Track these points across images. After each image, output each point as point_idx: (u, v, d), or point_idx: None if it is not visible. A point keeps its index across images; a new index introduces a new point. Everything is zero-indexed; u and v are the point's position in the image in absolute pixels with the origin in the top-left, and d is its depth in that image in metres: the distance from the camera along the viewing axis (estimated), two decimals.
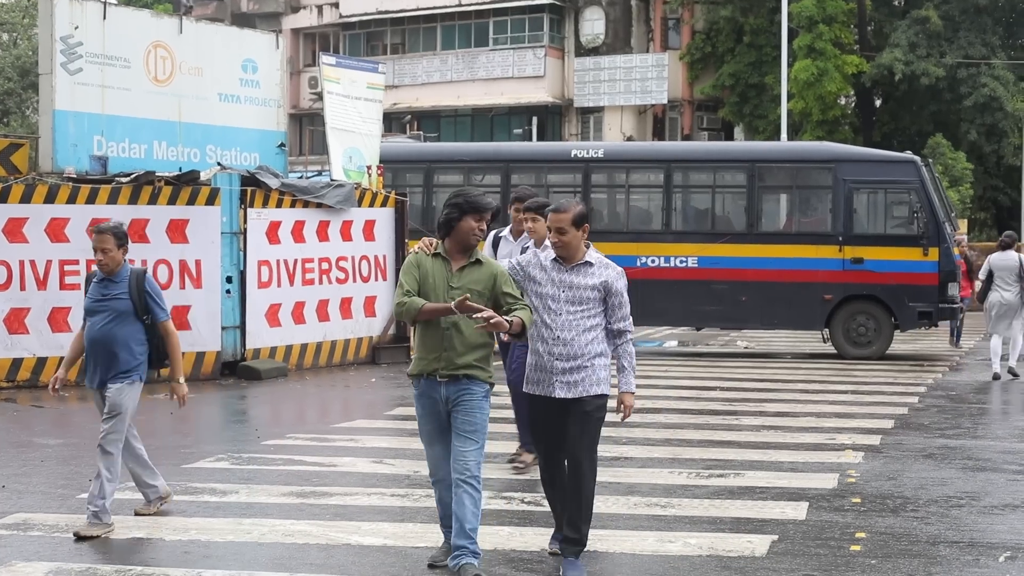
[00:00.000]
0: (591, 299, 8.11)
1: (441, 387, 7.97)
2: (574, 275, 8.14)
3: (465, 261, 8.04)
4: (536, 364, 8.24)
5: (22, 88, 54.16)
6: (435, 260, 8.03)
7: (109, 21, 20.07)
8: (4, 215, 17.79)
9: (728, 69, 48.83)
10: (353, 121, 22.94)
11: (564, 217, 8.09)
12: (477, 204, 8.02)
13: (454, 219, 8.00)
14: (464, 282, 7.95)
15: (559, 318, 8.11)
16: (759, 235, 24.73)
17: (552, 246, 8.22)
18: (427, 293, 7.93)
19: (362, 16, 56.05)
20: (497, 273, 8.07)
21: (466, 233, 7.99)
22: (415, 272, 8.00)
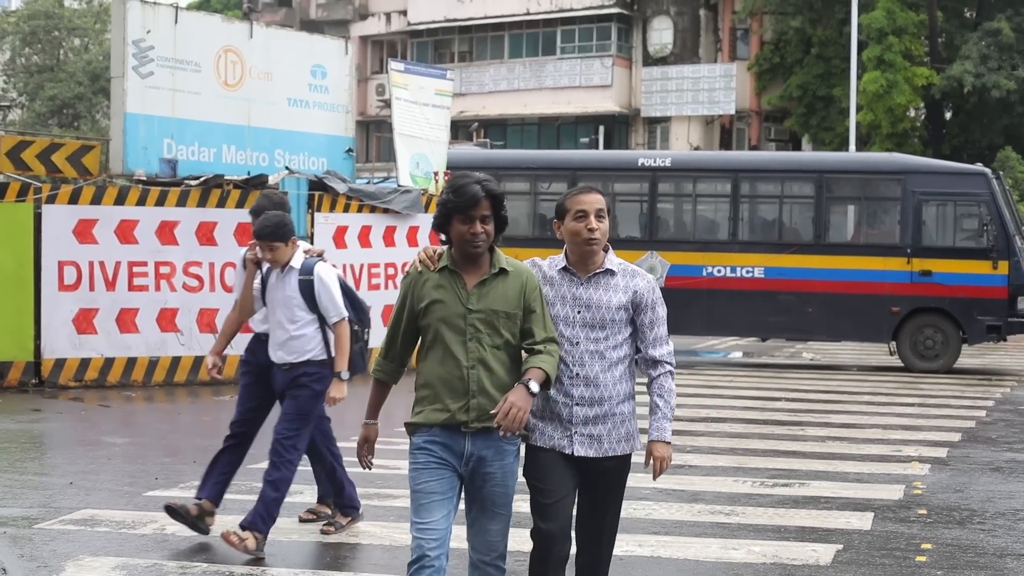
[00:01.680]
0: (617, 320, 6.16)
1: (466, 441, 5.98)
2: (593, 289, 6.16)
3: (484, 273, 5.98)
4: (547, 410, 6.18)
5: (92, 92, 54.74)
6: (442, 277, 5.96)
7: (180, 25, 20.24)
8: (74, 216, 17.96)
9: (796, 80, 48.56)
10: (420, 127, 22.98)
11: (601, 198, 6.20)
12: (460, 198, 5.87)
13: (441, 225, 5.97)
14: (487, 303, 5.93)
15: (576, 348, 6.12)
16: (826, 246, 24.58)
17: (584, 243, 6.12)
18: (438, 326, 5.95)
19: (430, 24, 56.21)
20: (527, 286, 6.04)
21: (459, 243, 5.91)
22: (411, 299, 6.03)
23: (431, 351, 6.01)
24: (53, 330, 17.85)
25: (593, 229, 6.10)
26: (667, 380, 6.27)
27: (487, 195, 5.89)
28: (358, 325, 9.38)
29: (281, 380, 9.20)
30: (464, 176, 6.01)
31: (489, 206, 5.89)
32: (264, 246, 8.95)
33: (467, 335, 5.91)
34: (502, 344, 5.97)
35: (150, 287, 18.42)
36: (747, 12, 50.50)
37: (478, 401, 5.93)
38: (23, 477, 11.76)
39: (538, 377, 5.89)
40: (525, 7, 53.80)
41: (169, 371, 18.56)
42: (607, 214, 6.19)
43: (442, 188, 6.48)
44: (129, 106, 19.53)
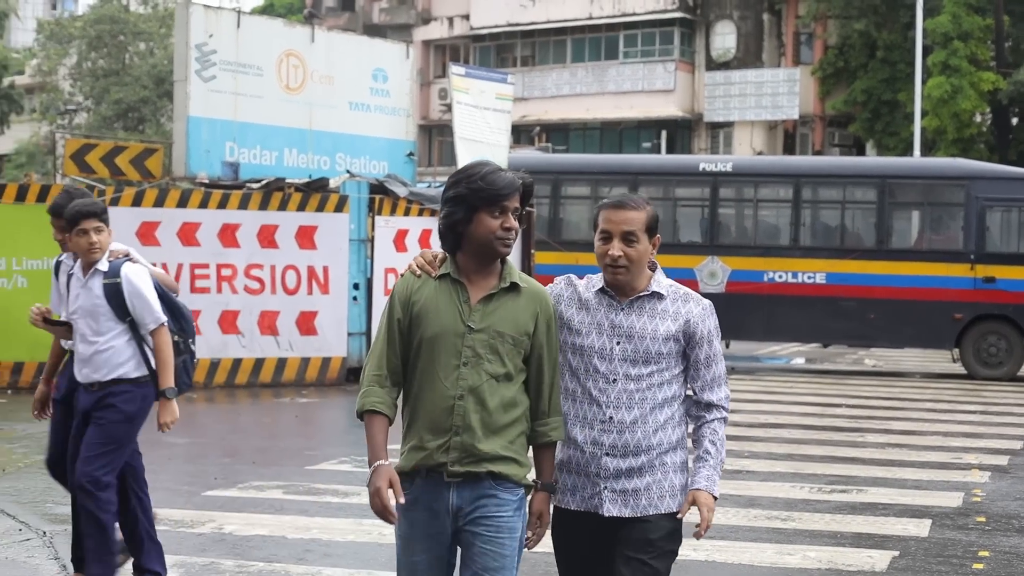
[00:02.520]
0: (664, 354, 5.14)
1: (450, 492, 4.94)
2: (635, 316, 5.15)
3: (492, 286, 5.01)
4: (571, 460, 5.19)
5: (157, 96, 55.20)
6: (441, 286, 5.00)
7: (243, 30, 20.39)
8: (137, 218, 18.12)
9: (860, 85, 48.25)
10: (481, 131, 23.04)
11: (636, 217, 5.12)
12: (494, 187, 4.93)
13: (459, 221, 4.96)
14: (491, 323, 4.95)
15: (612, 388, 5.09)
16: (889, 252, 24.42)
17: (606, 268, 5.17)
18: (428, 344, 4.96)
19: (493, 28, 56.28)
20: (541, 312, 5.08)
21: (485, 242, 4.92)
22: (401, 314, 5.03)
23: (415, 375, 5.00)
24: None
25: (616, 256, 5.09)
26: (720, 427, 5.23)
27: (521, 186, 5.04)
28: (179, 336, 7.95)
29: (85, 402, 7.70)
30: (483, 165, 5.04)
31: (518, 199, 5.01)
32: (89, 228, 7.65)
33: (462, 358, 4.90)
34: (503, 375, 4.94)
35: (212, 289, 18.55)
36: (811, 16, 50.23)
37: (461, 440, 4.87)
38: None
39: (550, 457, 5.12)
40: (588, 12, 53.77)
41: (230, 373, 18.67)
42: (647, 231, 5.13)
43: (452, 179, 5.07)
44: (192, 110, 19.70)
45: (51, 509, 10.20)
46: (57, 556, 8.68)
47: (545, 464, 5.10)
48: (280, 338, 18.94)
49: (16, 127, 63.39)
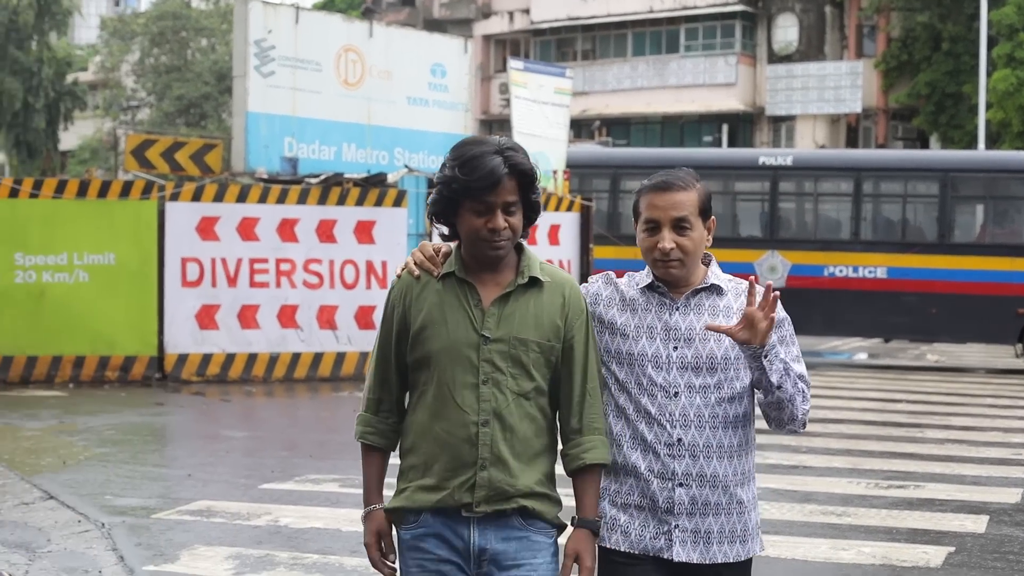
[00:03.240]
0: (732, 360, 4.30)
1: (472, 530, 4.15)
2: (694, 315, 4.35)
3: (508, 283, 4.18)
4: (631, 492, 4.33)
5: (219, 92, 55.54)
6: (446, 288, 4.18)
7: (301, 25, 20.50)
8: (197, 213, 18.24)
9: (924, 77, 47.83)
10: (540, 125, 23.04)
11: (686, 199, 4.30)
12: (468, 178, 4.03)
13: (442, 211, 4.16)
14: (511, 329, 4.13)
15: (674, 403, 4.26)
16: (951, 246, 24.21)
17: (656, 264, 4.33)
18: (437, 361, 4.15)
19: (553, 22, 56.21)
20: (570, 306, 4.24)
21: (471, 242, 4.13)
22: (400, 325, 4.24)
23: (423, 398, 4.19)
24: (176, 326, 18.14)
25: (668, 250, 4.26)
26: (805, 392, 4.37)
27: (512, 172, 4.05)
28: None
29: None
30: (476, 143, 4.12)
31: (516, 188, 4.06)
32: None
33: (480, 375, 4.09)
34: (531, 391, 4.15)
35: (271, 284, 18.64)
36: (874, 8, 49.84)
37: (489, 475, 4.09)
38: (143, 468, 12.01)
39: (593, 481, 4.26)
40: (648, 5, 53.60)
41: (289, 367, 18.76)
42: (700, 214, 4.31)
43: (447, 159, 4.16)
44: (251, 105, 19.84)
45: (110, 501, 10.29)
46: (115, 547, 8.76)
47: (586, 495, 4.22)
48: (339, 332, 19.01)
49: (80, 123, 63.98)
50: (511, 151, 4.07)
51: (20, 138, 59.57)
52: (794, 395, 4.28)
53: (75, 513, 9.77)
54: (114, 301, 17.84)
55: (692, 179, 4.37)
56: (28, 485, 10.81)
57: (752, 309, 4.16)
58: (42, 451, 12.63)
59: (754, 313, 4.15)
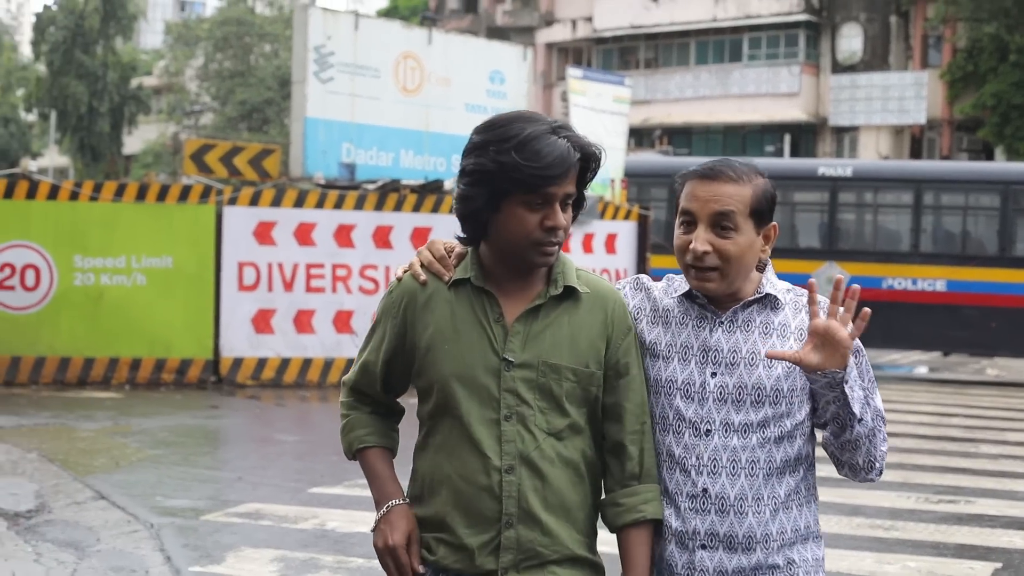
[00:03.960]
0: (784, 391, 3.53)
1: None
2: (741, 332, 3.58)
3: (536, 295, 3.50)
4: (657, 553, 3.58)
5: (281, 97, 55.91)
6: (459, 298, 3.50)
7: (360, 32, 20.62)
8: (254, 218, 18.36)
9: (990, 88, 47.46)
10: (598, 134, 23.01)
11: (734, 193, 3.53)
12: (535, 163, 3.33)
13: (480, 209, 3.42)
14: (539, 350, 3.44)
15: (705, 443, 3.52)
16: (1012, 259, 24.01)
17: (688, 271, 3.60)
18: (446, 391, 3.45)
19: (616, 31, 56.20)
20: (614, 323, 3.55)
21: (517, 245, 3.41)
22: (396, 341, 3.55)
23: (432, 436, 3.51)
24: (232, 329, 18.26)
25: (701, 253, 3.51)
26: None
27: (581, 156, 3.40)
28: None
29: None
30: (525, 119, 3.41)
31: (575, 177, 3.41)
32: None
33: (502, 409, 3.40)
34: (565, 429, 3.45)
35: (327, 289, 18.73)
36: (939, 18, 49.50)
37: (517, 535, 3.41)
38: (195, 470, 12.09)
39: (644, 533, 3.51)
40: (712, 14, 53.50)
41: (344, 372, 18.78)
42: (752, 216, 3.54)
43: (476, 137, 3.49)
44: (310, 111, 19.97)
45: (160, 502, 10.39)
46: (163, 548, 8.86)
47: (640, 556, 3.48)
48: None
49: (144, 127, 64.55)
50: (567, 130, 3.40)
51: (85, 142, 60.24)
52: (875, 430, 3.50)
53: (125, 513, 9.87)
54: (171, 304, 17.97)
55: (749, 171, 3.59)
56: (81, 485, 10.94)
57: (822, 321, 3.39)
58: (96, 452, 12.75)
59: (828, 325, 3.37)
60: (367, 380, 3.63)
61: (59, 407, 15.66)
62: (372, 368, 3.60)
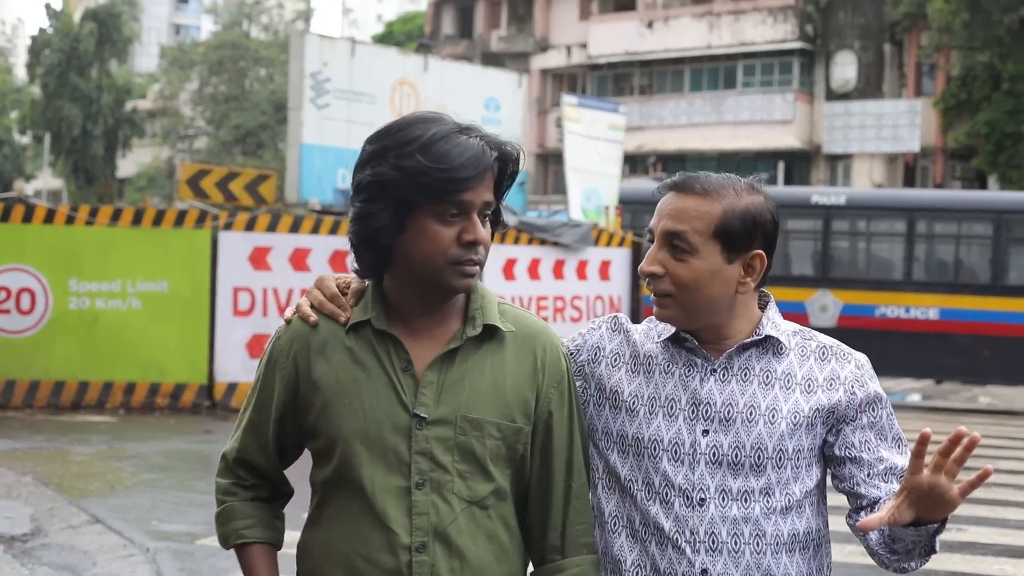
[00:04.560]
0: (789, 452, 3.08)
1: None
2: (738, 382, 3.11)
3: (451, 335, 3.00)
4: None
5: (276, 122, 56.04)
6: (358, 343, 2.98)
7: (356, 58, 20.74)
8: (250, 243, 18.41)
9: (984, 117, 47.63)
10: (593, 161, 23.16)
11: (698, 209, 3.05)
12: (444, 165, 2.84)
13: (382, 228, 2.88)
14: (454, 406, 2.94)
15: (699, 515, 3.03)
16: (1004, 288, 24.11)
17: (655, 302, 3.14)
18: (345, 453, 2.95)
19: (610, 57, 56.36)
20: (545, 367, 3.05)
21: (429, 267, 2.90)
22: (284, 396, 3.02)
23: (329, 505, 3.01)
24: (226, 354, 18.29)
25: (646, 273, 3.09)
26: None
27: (499, 158, 2.93)
28: None
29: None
30: (426, 120, 2.90)
31: (492, 184, 2.94)
32: None
33: (412, 475, 2.89)
34: (489, 496, 2.96)
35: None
36: (933, 47, 49.69)
37: None
38: (190, 495, 12.13)
39: None
40: (706, 41, 53.71)
41: None
42: (718, 237, 3.03)
43: (371, 145, 2.93)
44: (305, 137, 20.08)
45: (156, 526, 10.42)
46: (159, 572, 8.88)
47: None
48: None
49: (138, 150, 64.68)
50: (477, 130, 2.93)
51: (78, 164, 60.39)
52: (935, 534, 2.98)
53: (121, 537, 9.90)
54: (166, 328, 18.01)
55: (728, 186, 3.06)
56: (76, 509, 10.96)
57: (926, 478, 2.79)
58: (91, 475, 12.77)
59: (935, 483, 2.79)
60: (255, 445, 3.07)
61: (53, 431, 15.68)
62: (261, 429, 3.05)
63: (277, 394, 3.01)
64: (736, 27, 53.07)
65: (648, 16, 55.37)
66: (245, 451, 3.11)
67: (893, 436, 3.21)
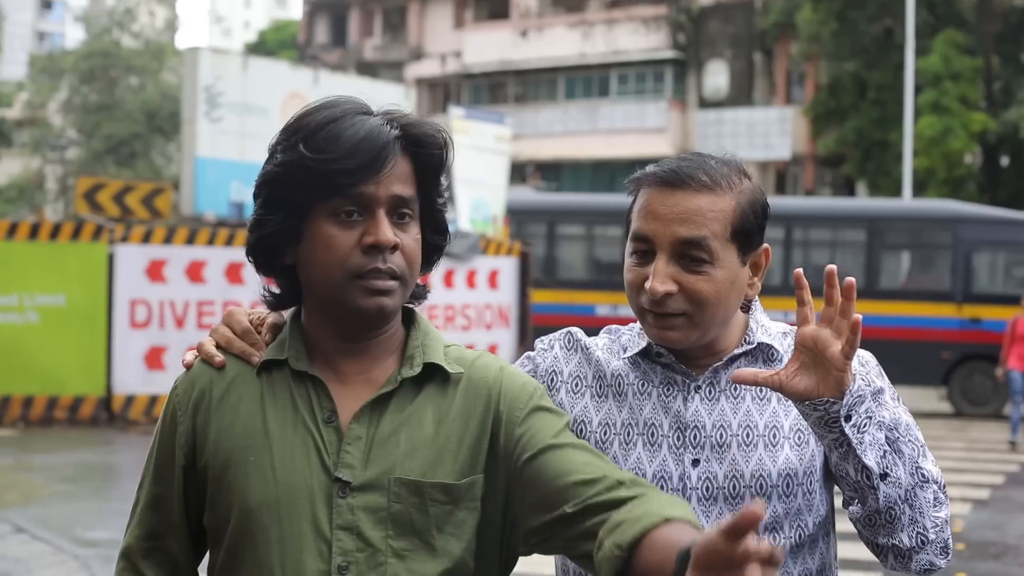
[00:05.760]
0: (797, 477, 2.58)
1: None
2: (728, 400, 2.63)
3: (385, 377, 2.37)
4: None
5: (149, 131, 55.57)
6: (273, 386, 2.37)
7: (249, 72, 20.99)
8: (146, 256, 18.56)
9: (852, 125, 48.50)
10: (481, 172, 23.56)
11: (708, 207, 2.57)
12: (329, 153, 2.25)
13: (278, 238, 2.35)
14: (386, 465, 2.28)
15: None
16: (878, 292, 24.91)
17: (644, 317, 2.62)
18: (249, 528, 2.29)
19: (485, 66, 56.74)
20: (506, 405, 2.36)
21: (329, 275, 2.30)
22: (184, 458, 2.40)
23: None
24: (125, 366, 18.43)
25: (662, 294, 2.53)
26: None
27: (406, 139, 2.35)
28: None
29: None
30: (330, 104, 2.38)
31: (411, 175, 2.37)
32: None
33: (333, 556, 2.27)
34: (446, 573, 2.30)
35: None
36: (802, 56, 50.62)
37: None
38: (107, 504, 12.38)
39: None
40: (580, 50, 54.32)
41: None
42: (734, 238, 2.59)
43: (277, 140, 2.40)
44: (200, 150, 20.28)
45: (81, 534, 10.66)
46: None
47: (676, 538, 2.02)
48: None
49: (6, 160, 63.72)
50: (392, 114, 2.36)
51: None
52: (915, 490, 2.48)
53: (49, 545, 10.14)
54: (64, 342, 18.11)
55: (730, 172, 2.64)
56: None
57: (810, 329, 2.43)
58: (4, 487, 12.94)
59: (817, 335, 2.40)
60: (163, 527, 2.43)
61: None
62: (167, 504, 2.42)
63: (178, 460, 2.40)
64: (609, 36, 53.72)
65: (522, 25, 55.83)
66: (153, 536, 2.43)
67: (912, 441, 2.56)
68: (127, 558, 2.46)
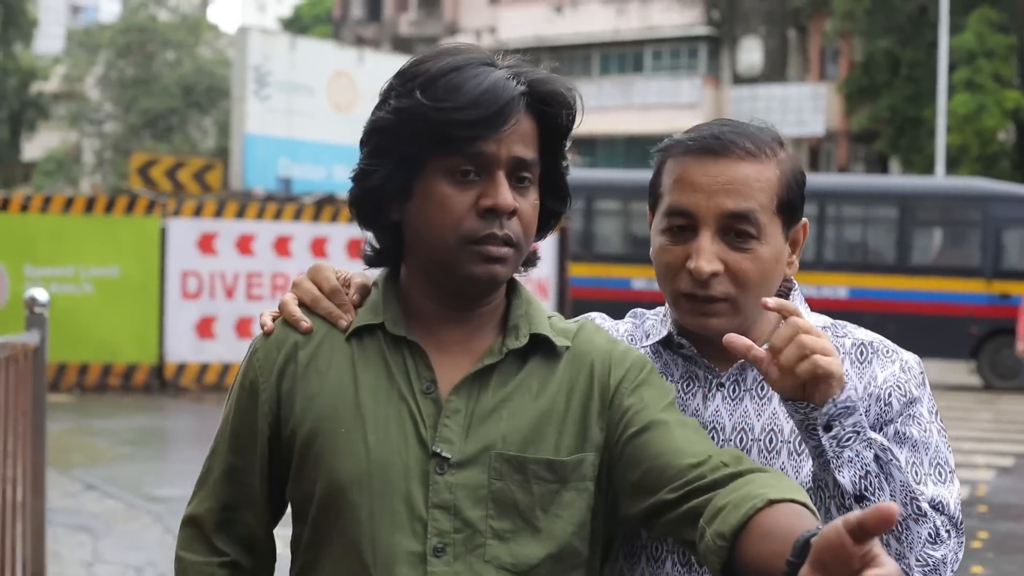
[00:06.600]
0: (831, 488, 2.11)
1: None
2: (752, 400, 2.38)
3: (487, 349, 2.21)
4: None
5: (185, 106, 55.96)
6: (364, 352, 2.20)
7: (296, 52, 21.49)
8: (197, 229, 19.14)
9: (885, 102, 48.48)
10: None
11: (755, 176, 2.32)
12: (456, 99, 2.09)
13: (384, 190, 2.19)
14: (487, 440, 2.13)
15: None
16: (909, 268, 25.31)
17: (681, 301, 2.35)
18: (339, 503, 2.14)
19: (520, 41, 56.79)
20: (613, 370, 2.23)
21: (439, 236, 2.13)
22: (267, 426, 2.23)
23: (319, 567, 2.21)
24: (176, 336, 19.02)
25: (708, 274, 2.30)
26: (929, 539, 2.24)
27: (532, 97, 2.20)
28: None
29: None
30: (448, 52, 2.23)
31: (534, 136, 2.22)
32: None
33: (428, 536, 2.12)
34: (545, 561, 2.16)
35: (266, 297, 19.52)
36: (836, 33, 50.66)
37: None
38: (170, 465, 13.02)
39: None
40: (614, 26, 54.52)
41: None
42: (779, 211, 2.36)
43: (390, 86, 2.21)
44: (249, 127, 20.79)
45: (150, 492, 11.24)
46: (169, 529, 9.61)
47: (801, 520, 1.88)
48: None
49: (44, 134, 64.17)
50: (517, 66, 2.22)
51: None
52: (905, 522, 2.19)
53: (121, 502, 10.70)
54: (118, 312, 18.69)
55: (771, 140, 2.43)
56: (67, 479, 11.69)
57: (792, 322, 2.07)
58: (69, 449, 13.46)
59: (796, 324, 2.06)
60: (241, 499, 2.28)
61: None
62: (246, 477, 2.28)
63: (261, 430, 2.24)
64: (644, 13, 53.88)
65: (557, 1, 56.01)
66: (227, 508, 2.29)
67: (933, 459, 2.34)
68: (197, 526, 2.29)
